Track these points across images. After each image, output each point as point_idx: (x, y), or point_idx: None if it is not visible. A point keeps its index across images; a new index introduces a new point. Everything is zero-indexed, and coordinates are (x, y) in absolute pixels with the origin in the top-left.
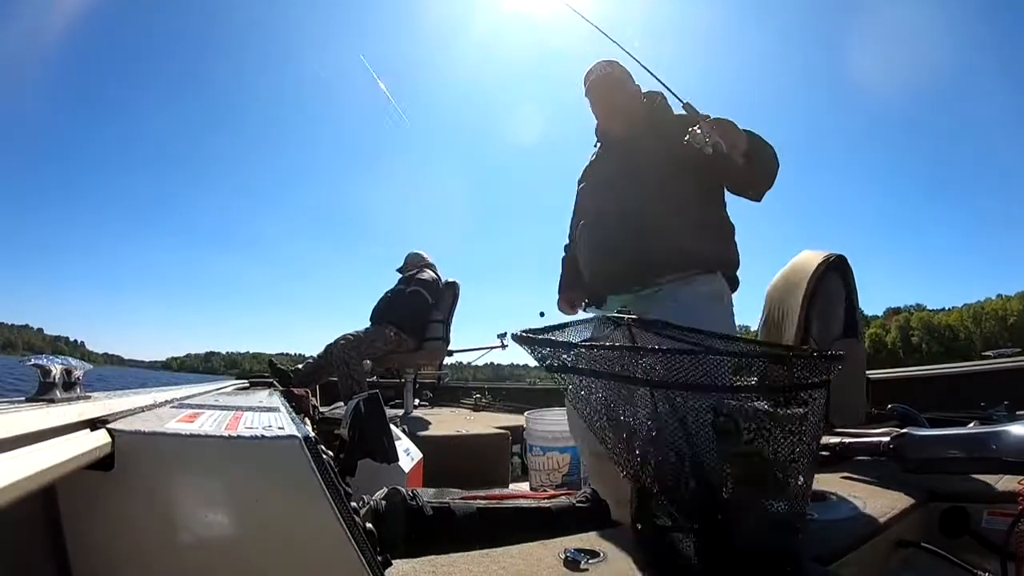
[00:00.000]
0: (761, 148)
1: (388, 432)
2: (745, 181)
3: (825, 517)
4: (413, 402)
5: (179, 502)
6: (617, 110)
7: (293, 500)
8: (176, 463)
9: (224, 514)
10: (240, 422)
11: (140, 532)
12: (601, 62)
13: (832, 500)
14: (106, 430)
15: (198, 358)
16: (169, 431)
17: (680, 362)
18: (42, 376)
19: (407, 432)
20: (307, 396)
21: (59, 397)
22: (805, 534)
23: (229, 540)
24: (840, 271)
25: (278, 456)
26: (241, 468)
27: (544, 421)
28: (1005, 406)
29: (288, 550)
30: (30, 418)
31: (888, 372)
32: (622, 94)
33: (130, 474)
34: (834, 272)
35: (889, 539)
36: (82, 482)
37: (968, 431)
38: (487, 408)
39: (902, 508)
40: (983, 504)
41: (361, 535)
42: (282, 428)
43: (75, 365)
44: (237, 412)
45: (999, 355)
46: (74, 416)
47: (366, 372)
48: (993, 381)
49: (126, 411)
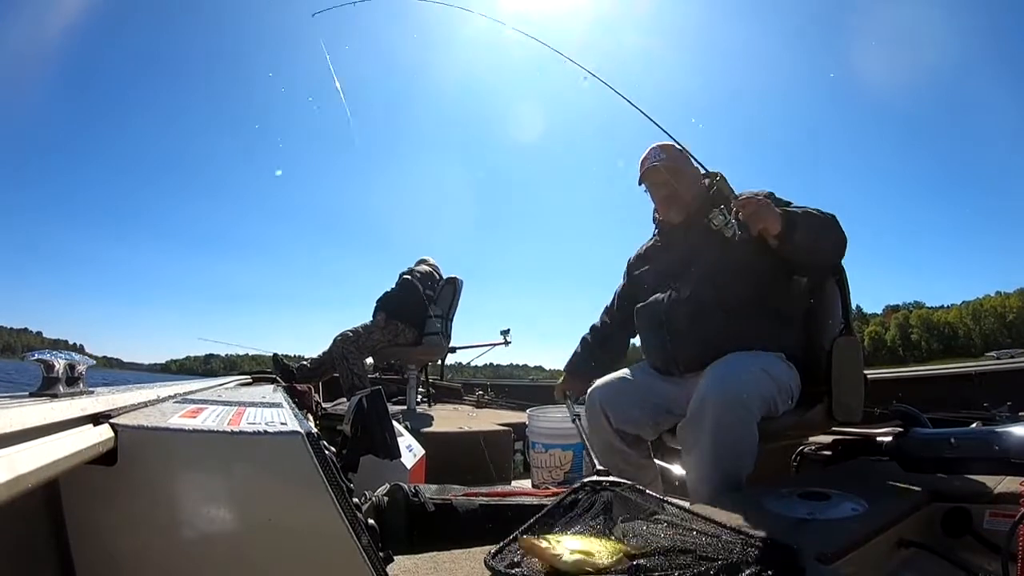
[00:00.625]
0: (808, 227)
1: (390, 428)
2: (798, 263)
3: (826, 516)
4: (416, 398)
5: (182, 497)
6: (674, 200)
7: (295, 495)
8: (179, 458)
9: (226, 509)
10: (243, 418)
11: (142, 526)
12: (655, 147)
13: (833, 499)
14: (109, 425)
15: (197, 360)
16: (172, 426)
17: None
18: (45, 371)
19: (409, 428)
20: (310, 392)
21: (62, 392)
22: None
23: (231, 535)
24: (834, 270)
25: (281, 452)
26: (244, 463)
27: (546, 418)
28: (1008, 407)
29: (290, 545)
30: (33, 413)
31: (890, 372)
32: (679, 181)
33: (133, 469)
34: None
35: (891, 539)
36: (85, 477)
37: (971, 431)
38: (489, 405)
39: (904, 508)
40: (985, 505)
41: (363, 531)
42: (285, 424)
43: (78, 360)
44: (240, 408)
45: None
46: (77, 411)
47: (368, 369)
48: (996, 382)
49: (129, 406)
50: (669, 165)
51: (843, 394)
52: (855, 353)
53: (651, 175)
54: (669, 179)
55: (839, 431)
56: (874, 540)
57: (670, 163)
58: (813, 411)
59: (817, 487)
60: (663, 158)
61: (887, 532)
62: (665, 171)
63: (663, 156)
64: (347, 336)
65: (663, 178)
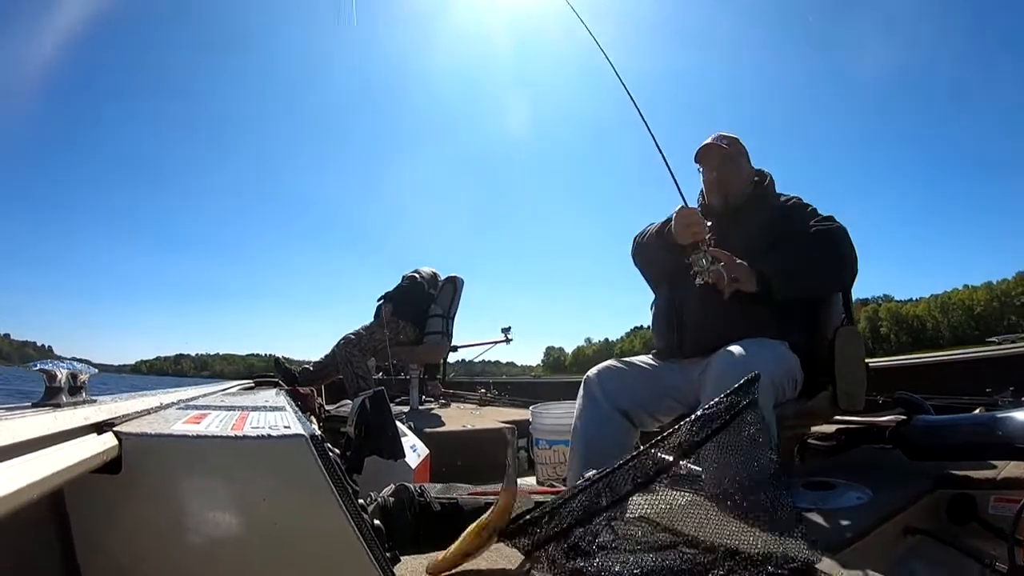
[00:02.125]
0: (788, 280)
1: (394, 429)
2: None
3: (831, 505)
4: (419, 398)
5: (187, 503)
6: (720, 185)
7: (301, 499)
8: (183, 464)
9: (232, 514)
10: (246, 422)
11: (148, 534)
12: (720, 134)
13: (838, 488)
14: (113, 433)
15: (167, 360)
16: (176, 433)
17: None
18: (48, 381)
19: (413, 428)
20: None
21: (65, 402)
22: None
23: (238, 540)
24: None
25: (285, 455)
26: (248, 468)
27: (550, 414)
28: (1011, 392)
29: (297, 549)
30: (37, 423)
31: (892, 360)
32: (732, 170)
33: (138, 476)
34: None
35: (897, 526)
36: (90, 486)
37: (974, 417)
38: (493, 403)
39: (909, 495)
40: (990, 491)
41: (369, 532)
42: (288, 427)
43: (80, 369)
44: (243, 412)
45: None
46: (81, 420)
47: (371, 369)
48: (998, 367)
49: (132, 414)
50: (727, 152)
51: (846, 383)
52: (857, 342)
53: (706, 154)
54: (721, 164)
55: (842, 420)
56: (880, 528)
57: (729, 150)
58: (816, 400)
59: (821, 476)
60: (724, 144)
61: (892, 520)
62: (719, 156)
63: (725, 143)
64: (350, 339)
65: (716, 162)
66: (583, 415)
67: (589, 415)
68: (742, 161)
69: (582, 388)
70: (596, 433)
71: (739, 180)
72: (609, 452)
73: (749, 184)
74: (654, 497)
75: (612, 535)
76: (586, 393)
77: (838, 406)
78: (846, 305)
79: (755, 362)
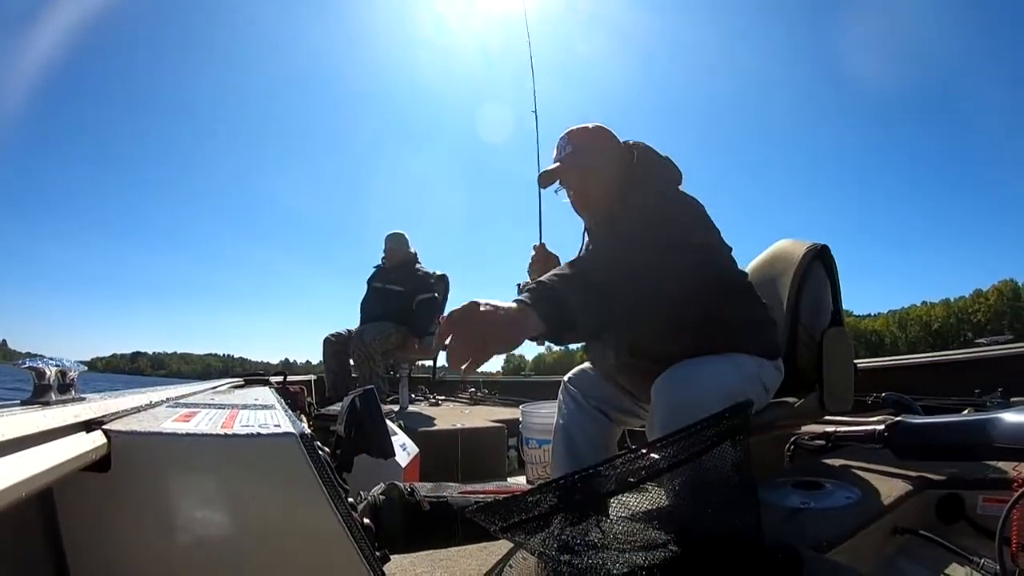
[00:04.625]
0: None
1: (384, 427)
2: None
3: (821, 505)
4: (409, 397)
5: (176, 501)
6: (581, 202)
7: (290, 497)
8: (173, 463)
9: (221, 512)
10: (236, 420)
11: (137, 532)
12: (562, 138)
13: (827, 488)
14: (102, 431)
15: (124, 358)
16: (165, 431)
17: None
18: (37, 379)
19: (403, 427)
20: (303, 393)
21: (54, 399)
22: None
23: (227, 538)
24: (823, 261)
25: (275, 454)
26: (238, 466)
27: (539, 414)
28: (999, 392)
29: (286, 547)
30: (26, 421)
31: (881, 361)
32: (585, 179)
33: (127, 474)
34: (818, 262)
35: (885, 526)
36: (79, 483)
37: (962, 418)
38: (483, 401)
39: (898, 495)
40: (978, 491)
41: (359, 530)
42: (278, 425)
43: (70, 367)
44: (233, 410)
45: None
46: (70, 418)
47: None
48: (987, 368)
49: (122, 412)
50: (572, 161)
51: (834, 384)
52: (844, 343)
53: (546, 179)
54: (573, 178)
55: (831, 420)
56: (869, 528)
57: (574, 157)
58: (804, 401)
59: (811, 476)
60: (568, 152)
61: (881, 520)
62: (566, 172)
63: (568, 149)
64: (376, 337)
65: (568, 180)
66: (563, 413)
67: (568, 412)
68: (597, 157)
69: (560, 391)
70: (578, 430)
71: (601, 180)
72: (593, 447)
73: (619, 169)
74: (642, 496)
75: (600, 534)
76: (565, 393)
77: (826, 407)
78: (835, 305)
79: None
